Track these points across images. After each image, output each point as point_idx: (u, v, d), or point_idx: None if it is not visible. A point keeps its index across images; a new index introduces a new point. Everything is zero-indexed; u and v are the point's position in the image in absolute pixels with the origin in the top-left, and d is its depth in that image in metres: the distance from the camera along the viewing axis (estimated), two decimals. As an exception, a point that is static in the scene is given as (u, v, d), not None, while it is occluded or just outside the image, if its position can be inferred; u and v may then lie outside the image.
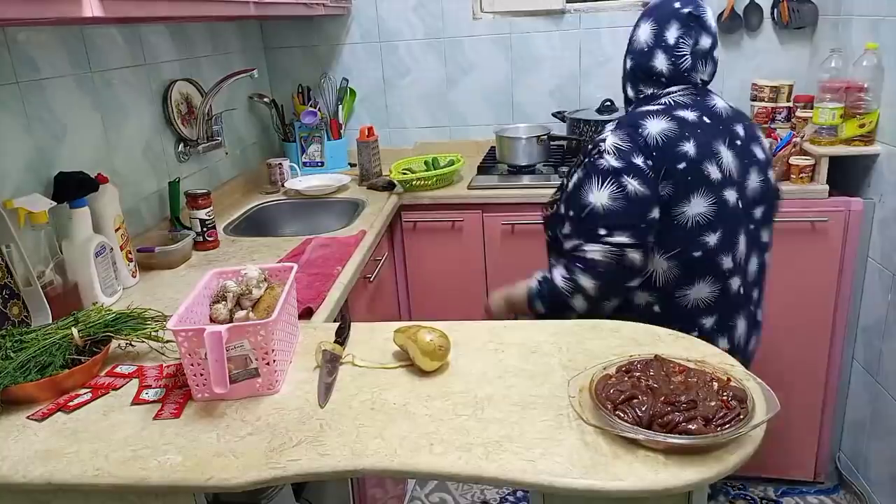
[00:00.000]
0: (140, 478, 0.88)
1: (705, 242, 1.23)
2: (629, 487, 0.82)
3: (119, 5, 1.10)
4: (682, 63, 1.27)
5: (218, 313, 1.15)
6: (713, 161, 1.23)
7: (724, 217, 1.23)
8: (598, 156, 1.23)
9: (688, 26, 1.27)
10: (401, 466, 0.88)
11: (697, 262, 1.24)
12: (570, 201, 1.27)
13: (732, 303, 1.29)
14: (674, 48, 1.27)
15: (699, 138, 1.23)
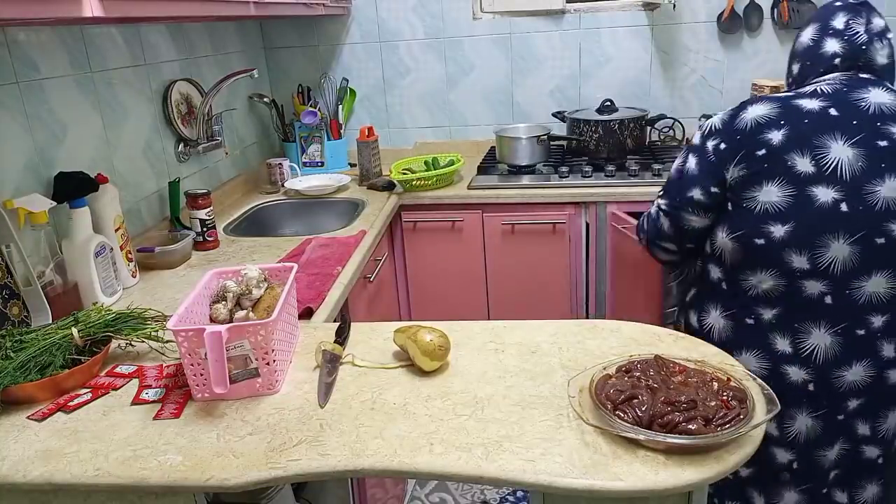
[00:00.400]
0: (140, 478, 0.88)
1: (769, 232, 1.18)
2: (629, 487, 0.82)
3: (119, 5, 1.10)
4: (856, 38, 1.23)
5: (218, 313, 1.15)
6: (807, 153, 1.17)
7: (804, 213, 1.16)
8: (698, 130, 1.34)
9: (855, 10, 1.25)
10: (401, 466, 0.88)
11: (760, 249, 1.20)
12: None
13: (804, 306, 1.20)
14: (844, 31, 1.24)
15: (797, 128, 1.18)
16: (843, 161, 1.16)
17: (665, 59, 2.44)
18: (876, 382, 1.20)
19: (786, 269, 1.19)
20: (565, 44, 2.46)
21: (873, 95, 1.19)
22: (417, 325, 1.11)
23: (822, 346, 1.19)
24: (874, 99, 1.19)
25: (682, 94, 2.46)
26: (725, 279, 1.27)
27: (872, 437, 1.24)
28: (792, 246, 1.18)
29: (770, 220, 1.18)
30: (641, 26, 2.42)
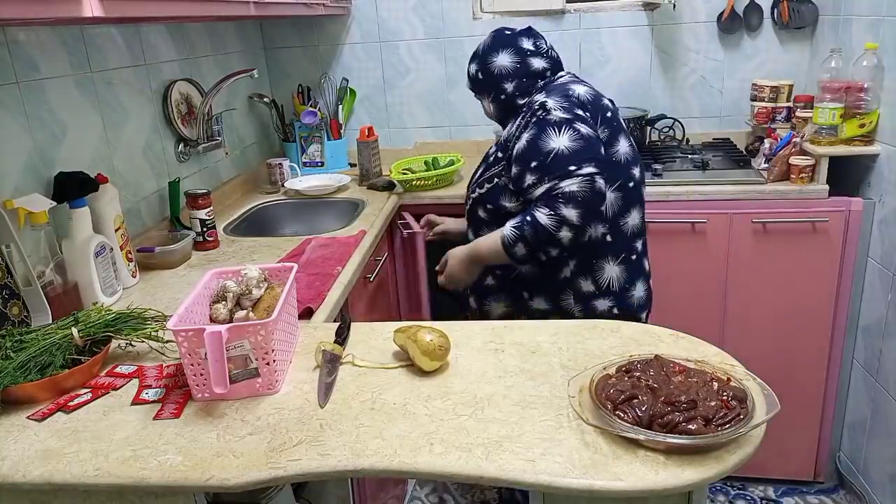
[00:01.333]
0: (140, 478, 0.88)
1: (633, 174, 1.47)
2: (629, 487, 0.82)
3: (119, 5, 1.10)
4: (552, 54, 1.55)
5: (218, 313, 1.15)
6: (618, 114, 1.50)
7: (636, 156, 1.49)
8: (545, 114, 1.39)
9: (533, 35, 1.54)
10: (401, 466, 0.88)
11: (632, 191, 1.47)
12: (527, 155, 1.39)
13: (645, 230, 1.54)
14: (536, 51, 1.51)
15: (605, 99, 1.50)
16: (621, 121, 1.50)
17: (665, 59, 2.44)
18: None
19: (642, 201, 1.51)
20: (565, 44, 2.46)
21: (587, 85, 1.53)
22: (417, 326, 1.11)
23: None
24: (591, 86, 1.53)
25: (682, 94, 2.46)
26: (609, 231, 1.46)
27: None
28: (642, 183, 1.51)
29: (631, 166, 1.46)
30: (641, 26, 2.42)
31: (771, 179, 1.98)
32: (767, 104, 2.21)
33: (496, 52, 1.51)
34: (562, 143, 1.35)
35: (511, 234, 1.37)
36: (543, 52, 1.52)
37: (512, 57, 1.50)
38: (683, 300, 2.03)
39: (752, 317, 2.03)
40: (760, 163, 2.08)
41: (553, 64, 1.53)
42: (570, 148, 1.35)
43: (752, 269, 2.00)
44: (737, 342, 2.00)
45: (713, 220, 1.97)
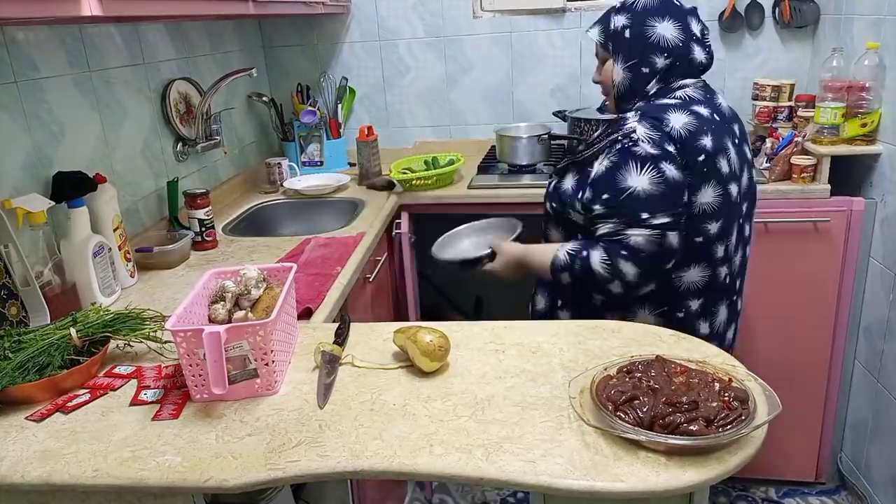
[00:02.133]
0: (139, 478, 0.88)
1: (707, 230, 1.31)
2: (630, 489, 0.82)
3: (117, 4, 1.10)
4: (712, 52, 1.37)
5: (216, 313, 1.14)
6: (724, 156, 1.30)
7: (726, 208, 1.31)
8: (631, 143, 1.26)
9: (701, 21, 1.36)
10: (400, 467, 0.88)
11: (697, 247, 1.31)
12: (601, 184, 1.29)
13: (718, 290, 1.38)
14: (703, 39, 1.35)
15: (714, 133, 1.29)
16: (734, 159, 1.32)
17: (665, 58, 2.43)
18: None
19: (712, 259, 1.34)
20: (566, 42, 2.46)
21: (722, 100, 1.39)
22: (417, 326, 1.11)
23: (723, 321, 1.42)
24: (724, 103, 1.39)
25: (682, 94, 2.45)
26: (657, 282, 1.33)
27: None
28: (719, 239, 1.33)
29: (707, 220, 1.30)
30: (642, 25, 2.41)
31: (772, 179, 1.98)
32: (769, 103, 2.21)
33: (661, 17, 1.31)
34: (641, 183, 1.23)
35: (563, 260, 1.31)
36: (707, 44, 1.35)
37: (677, 32, 1.30)
38: (684, 300, 2.02)
39: (754, 317, 2.03)
40: (762, 162, 2.07)
41: (709, 64, 1.36)
42: (649, 192, 1.23)
43: (753, 268, 1.98)
44: (738, 342, 2.00)
45: (714, 220, 1.97)
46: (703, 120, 1.28)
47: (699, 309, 1.36)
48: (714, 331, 1.39)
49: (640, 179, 1.24)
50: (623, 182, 1.25)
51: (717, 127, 1.30)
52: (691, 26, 1.33)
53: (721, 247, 1.33)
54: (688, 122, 1.26)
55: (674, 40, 1.31)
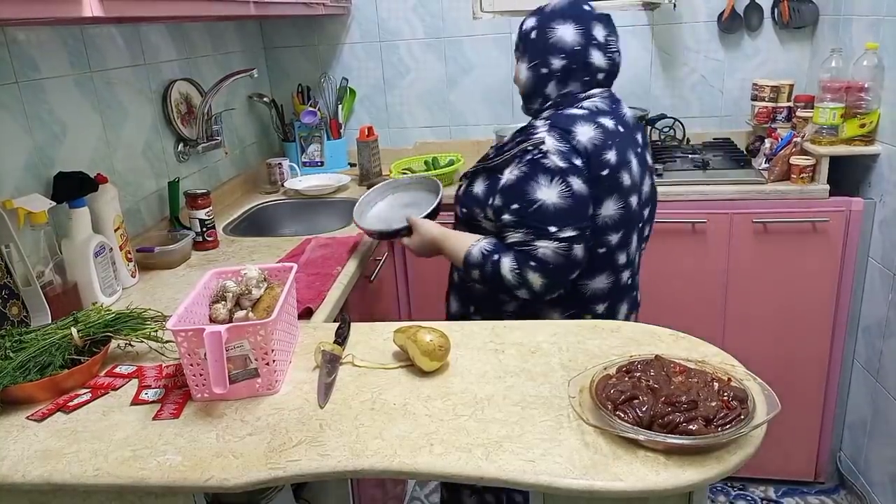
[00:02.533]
0: (139, 478, 0.88)
1: (609, 241, 1.35)
2: (629, 488, 0.82)
3: (119, 5, 1.10)
4: (616, 58, 1.38)
5: (217, 313, 1.15)
6: (626, 169, 1.33)
7: (627, 219, 1.36)
8: (540, 155, 1.28)
9: (610, 27, 1.38)
10: (401, 467, 0.88)
11: (600, 257, 1.36)
12: (510, 194, 1.30)
13: (621, 291, 1.44)
14: (605, 46, 1.35)
15: (618, 147, 1.32)
16: (635, 170, 1.35)
17: (665, 59, 2.43)
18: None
19: (615, 266, 1.39)
20: (565, 43, 2.46)
21: (626, 110, 1.41)
22: (417, 326, 1.11)
23: (623, 317, 1.48)
24: (628, 113, 1.41)
25: (682, 94, 2.46)
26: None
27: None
28: (620, 248, 1.37)
29: (609, 232, 1.34)
30: (641, 26, 2.41)
31: (771, 179, 1.98)
32: (768, 104, 2.21)
33: (564, 21, 1.33)
34: (550, 196, 1.25)
35: (476, 258, 1.33)
36: (610, 51, 1.36)
37: (577, 36, 1.32)
38: (684, 300, 2.03)
39: (753, 317, 2.03)
40: (761, 163, 2.08)
41: (610, 70, 1.37)
42: (558, 206, 1.25)
43: (752, 269, 2.00)
44: (737, 342, 2.00)
45: (713, 220, 1.97)
46: (608, 133, 1.31)
47: (604, 312, 1.42)
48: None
49: (549, 192, 1.25)
50: (532, 194, 1.27)
51: (622, 139, 1.33)
52: (593, 31, 1.34)
53: (623, 254, 1.39)
54: (594, 136, 1.29)
55: (572, 43, 1.32)
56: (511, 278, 1.29)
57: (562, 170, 1.25)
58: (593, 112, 1.33)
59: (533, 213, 1.27)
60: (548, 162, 1.26)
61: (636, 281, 1.52)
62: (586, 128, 1.29)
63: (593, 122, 1.30)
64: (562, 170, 1.25)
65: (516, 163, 1.31)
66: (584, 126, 1.29)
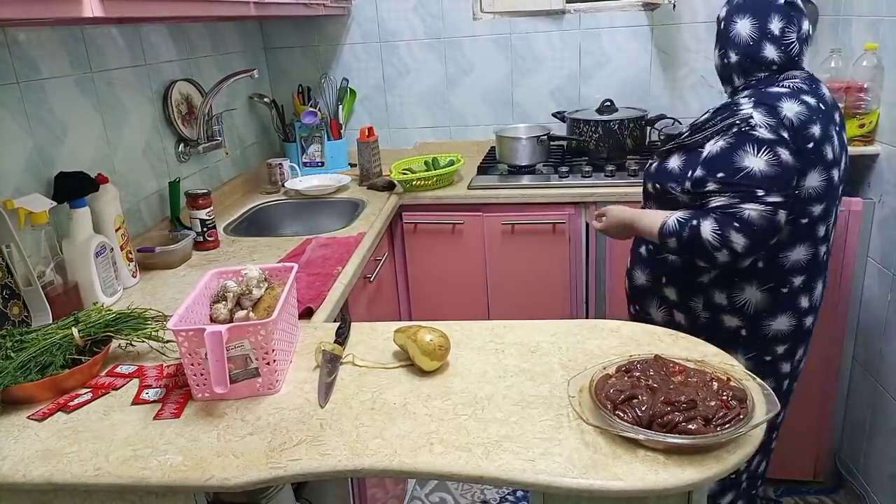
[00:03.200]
0: (140, 477, 0.88)
1: (811, 212, 1.39)
2: (629, 487, 0.82)
3: (119, 5, 1.10)
4: (791, 50, 1.40)
5: (218, 313, 1.15)
6: (829, 144, 1.37)
7: (829, 192, 1.40)
8: (749, 128, 1.31)
9: (789, 16, 1.38)
10: (401, 466, 0.88)
11: (802, 228, 1.39)
12: (716, 164, 1.33)
13: (818, 266, 1.47)
14: (780, 38, 1.38)
15: (821, 122, 1.35)
16: (836, 146, 1.39)
17: (665, 60, 2.44)
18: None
19: (815, 238, 1.42)
20: (565, 44, 2.46)
21: (825, 90, 1.43)
22: (417, 325, 1.11)
23: (819, 295, 1.52)
24: (827, 93, 1.43)
25: (681, 95, 2.46)
26: (762, 259, 1.40)
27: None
28: (822, 220, 1.41)
29: (812, 203, 1.37)
30: (641, 26, 2.42)
31: (771, 179, 1.98)
32: (767, 104, 2.21)
33: (743, 14, 1.39)
34: (758, 164, 1.28)
35: (672, 226, 1.35)
36: (786, 42, 1.38)
37: (751, 31, 1.38)
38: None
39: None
40: (760, 163, 2.08)
41: (785, 60, 1.39)
42: (765, 172, 1.28)
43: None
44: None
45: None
46: (811, 109, 1.34)
47: (801, 285, 1.44)
48: (812, 304, 1.49)
49: (758, 161, 1.29)
50: (740, 162, 1.30)
51: (823, 116, 1.36)
52: (769, 24, 1.37)
53: (822, 227, 1.43)
54: (799, 111, 1.32)
55: (746, 39, 1.38)
56: (711, 239, 1.30)
57: (770, 141, 1.29)
58: (795, 91, 1.36)
59: (740, 178, 1.29)
60: (756, 133, 1.30)
61: (829, 261, 1.55)
62: (791, 103, 1.33)
63: (797, 98, 1.34)
64: (770, 141, 1.29)
65: (722, 136, 1.34)
66: (789, 102, 1.33)
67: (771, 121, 1.30)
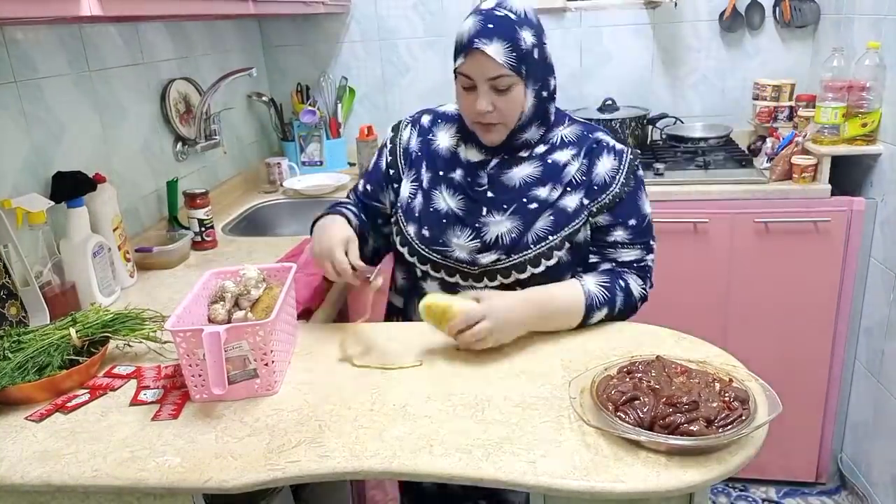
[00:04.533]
0: (138, 479, 0.88)
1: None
2: (631, 489, 0.82)
3: (117, 3, 1.09)
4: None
5: (216, 314, 1.14)
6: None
7: None
8: (638, 167, 1.26)
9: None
10: (400, 468, 0.87)
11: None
12: (626, 211, 1.23)
13: None
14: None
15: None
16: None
17: (666, 58, 2.43)
18: None
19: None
20: (566, 42, 2.46)
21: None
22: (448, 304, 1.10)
23: None
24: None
25: (683, 93, 2.45)
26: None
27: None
28: None
29: None
30: (643, 24, 2.41)
31: (773, 179, 1.98)
32: (769, 103, 2.21)
33: (544, 33, 1.18)
34: (649, 208, 1.26)
35: (600, 296, 1.17)
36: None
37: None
38: (685, 301, 2.03)
39: (754, 317, 2.03)
40: (762, 162, 2.07)
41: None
42: (651, 216, 1.26)
43: (753, 269, 1.99)
44: (739, 343, 1.99)
45: (715, 220, 1.97)
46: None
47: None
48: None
49: (648, 204, 1.28)
50: (643, 208, 1.27)
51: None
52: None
53: None
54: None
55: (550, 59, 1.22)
56: (640, 296, 1.24)
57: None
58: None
59: (646, 227, 1.26)
60: (641, 174, 1.27)
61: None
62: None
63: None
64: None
65: (619, 176, 1.25)
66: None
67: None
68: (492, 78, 1.13)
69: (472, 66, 1.13)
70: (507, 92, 1.15)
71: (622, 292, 1.20)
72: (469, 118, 1.22)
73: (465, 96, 1.19)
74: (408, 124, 1.36)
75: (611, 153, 1.24)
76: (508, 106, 1.16)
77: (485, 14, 1.14)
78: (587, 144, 1.25)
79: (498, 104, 1.16)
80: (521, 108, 1.18)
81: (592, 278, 1.20)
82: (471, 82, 1.16)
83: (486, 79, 1.13)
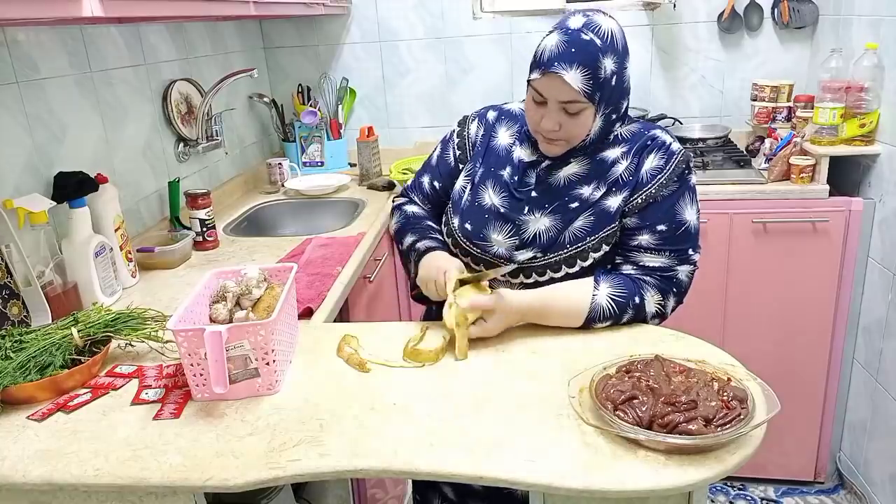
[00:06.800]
0: (140, 478, 0.88)
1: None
2: (629, 488, 0.82)
3: (119, 5, 1.10)
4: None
5: (218, 313, 1.15)
6: None
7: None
8: (687, 171, 1.18)
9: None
10: (401, 466, 0.88)
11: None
12: (658, 214, 1.17)
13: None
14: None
15: None
16: None
17: (665, 59, 2.43)
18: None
19: None
20: (565, 43, 2.46)
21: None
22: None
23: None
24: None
25: (682, 94, 2.46)
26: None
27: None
28: None
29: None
30: (641, 26, 2.41)
31: (771, 179, 1.98)
32: (768, 104, 2.21)
33: (627, 56, 1.18)
34: (693, 216, 1.16)
35: (607, 308, 1.14)
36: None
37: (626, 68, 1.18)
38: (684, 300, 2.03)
39: (753, 317, 2.03)
40: (761, 163, 2.08)
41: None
42: (696, 226, 1.17)
43: (752, 269, 2.00)
44: (737, 342, 2.00)
45: (713, 220, 1.97)
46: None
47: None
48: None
49: (693, 212, 1.20)
50: (681, 213, 1.20)
51: None
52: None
53: None
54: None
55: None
56: (653, 311, 1.17)
57: (695, 187, 1.22)
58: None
59: (680, 235, 1.17)
60: (691, 179, 1.21)
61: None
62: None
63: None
64: (695, 187, 1.22)
65: (661, 176, 1.20)
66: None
67: (691, 161, 1.21)
68: (564, 101, 1.12)
69: (546, 85, 1.12)
70: (577, 116, 1.14)
71: (633, 309, 1.16)
72: (533, 129, 1.21)
73: (533, 108, 1.17)
74: (475, 118, 1.36)
75: (660, 151, 1.18)
76: (576, 128, 1.15)
77: (571, 36, 1.11)
78: (640, 142, 1.20)
79: (565, 125, 1.15)
80: (588, 131, 1.17)
81: (608, 287, 1.15)
82: (542, 98, 1.14)
83: (558, 101, 1.12)
